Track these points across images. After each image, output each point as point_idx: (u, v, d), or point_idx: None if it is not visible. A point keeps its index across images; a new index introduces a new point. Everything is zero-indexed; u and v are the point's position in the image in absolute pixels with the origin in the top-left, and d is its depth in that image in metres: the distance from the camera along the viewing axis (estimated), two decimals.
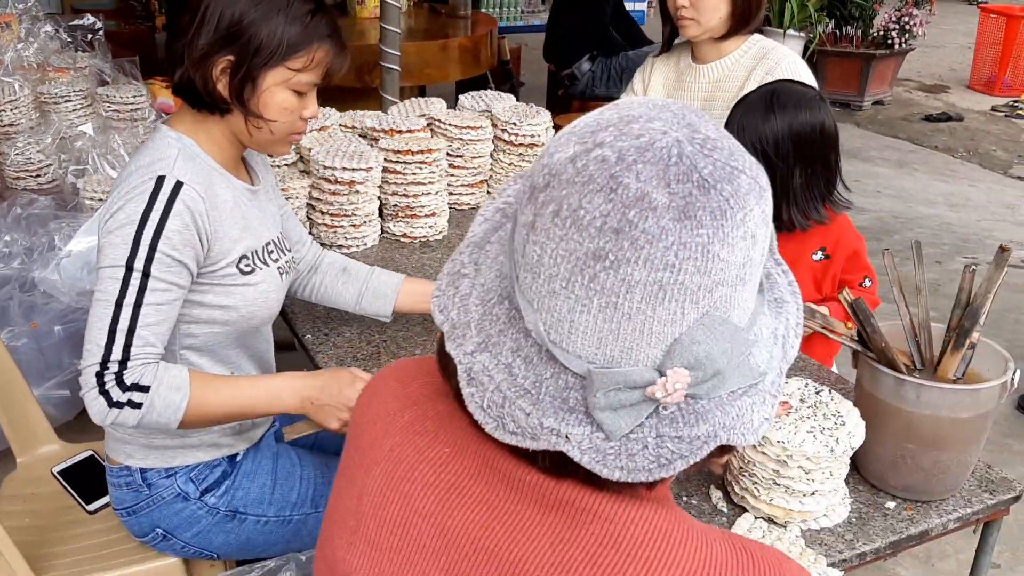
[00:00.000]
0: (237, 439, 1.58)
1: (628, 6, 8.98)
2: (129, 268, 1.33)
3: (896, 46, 6.72)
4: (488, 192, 2.52)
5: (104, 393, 1.32)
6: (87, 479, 1.87)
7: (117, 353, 1.32)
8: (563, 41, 4.59)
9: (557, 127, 4.01)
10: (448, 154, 2.39)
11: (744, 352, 0.64)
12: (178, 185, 1.37)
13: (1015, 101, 7.24)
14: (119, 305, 1.33)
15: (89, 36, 3.55)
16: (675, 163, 0.61)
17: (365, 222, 2.22)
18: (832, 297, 1.92)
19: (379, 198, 2.27)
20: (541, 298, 0.64)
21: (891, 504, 1.37)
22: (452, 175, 2.43)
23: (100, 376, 1.32)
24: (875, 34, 6.77)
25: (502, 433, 0.65)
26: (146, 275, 1.34)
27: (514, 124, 2.44)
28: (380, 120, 2.38)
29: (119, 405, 1.32)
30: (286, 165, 2.27)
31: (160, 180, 1.36)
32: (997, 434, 2.90)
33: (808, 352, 1.85)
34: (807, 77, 2.12)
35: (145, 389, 1.33)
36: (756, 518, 1.32)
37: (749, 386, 0.65)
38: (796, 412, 1.30)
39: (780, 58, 2.18)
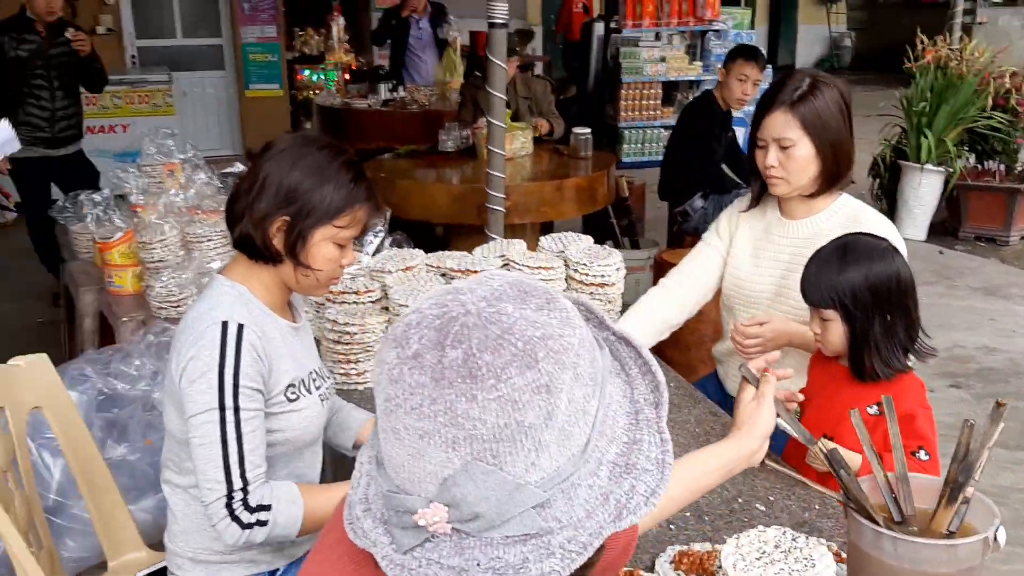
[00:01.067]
0: (276, 555, 1.73)
1: None
2: (222, 408, 1.54)
3: None
4: None
5: (235, 519, 1.53)
6: None
7: (238, 483, 1.54)
8: (676, 179, 4.74)
9: (667, 263, 4.10)
10: None
11: (521, 504, 0.73)
12: (240, 327, 1.58)
13: None
14: (225, 443, 1.54)
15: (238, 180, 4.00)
16: (456, 331, 0.74)
17: None
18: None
19: None
20: (376, 428, 0.80)
21: None
22: None
23: (229, 506, 1.53)
24: (1020, 168, 6.54)
25: (351, 532, 0.80)
26: (237, 410, 1.55)
27: (584, 264, 2.58)
28: (459, 261, 2.58)
29: (249, 526, 1.53)
30: (370, 302, 2.49)
31: (224, 325, 1.58)
32: None
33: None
34: (898, 243, 2.11)
35: (268, 508, 1.55)
36: None
37: (527, 536, 0.74)
38: (768, 556, 1.33)
39: (873, 225, 2.19)
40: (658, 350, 2.59)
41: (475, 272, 2.49)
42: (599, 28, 9.01)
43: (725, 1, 9.07)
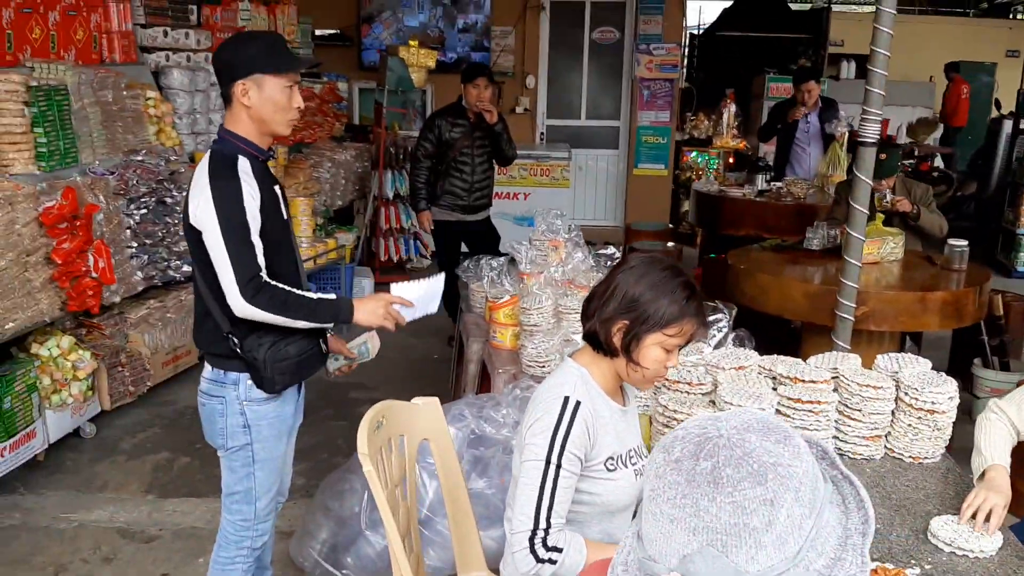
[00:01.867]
0: None
1: None
2: (548, 462, 1.95)
3: None
4: (885, 447, 2.72)
5: (533, 552, 1.93)
6: None
7: (543, 523, 1.94)
8: None
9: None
10: (847, 406, 2.68)
11: None
12: (578, 404, 1.98)
13: None
14: (542, 489, 1.95)
15: (608, 263, 4.49)
16: (709, 448, 1.02)
17: None
18: None
19: None
20: (640, 509, 1.09)
21: None
22: (848, 426, 2.69)
23: (531, 540, 1.94)
24: None
25: None
26: (559, 467, 1.95)
27: (915, 389, 2.65)
28: (790, 368, 2.77)
29: (542, 561, 1.93)
30: (701, 394, 2.77)
31: (566, 400, 1.98)
32: None
33: None
34: None
35: (559, 551, 1.94)
36: None
37: None
38: None
39: None
40: None
41: (803, 381, 2.67)
42: (1007, 126, 8.48)
43: None
